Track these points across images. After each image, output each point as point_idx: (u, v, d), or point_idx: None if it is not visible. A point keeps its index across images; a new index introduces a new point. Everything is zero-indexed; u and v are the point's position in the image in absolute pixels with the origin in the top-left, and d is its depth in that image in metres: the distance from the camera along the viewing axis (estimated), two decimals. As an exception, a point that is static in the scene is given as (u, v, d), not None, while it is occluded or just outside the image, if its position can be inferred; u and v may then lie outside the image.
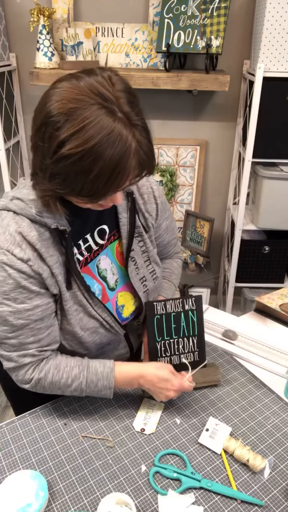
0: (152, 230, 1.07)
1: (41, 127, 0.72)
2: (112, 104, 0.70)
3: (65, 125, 0.69)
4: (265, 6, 1.77)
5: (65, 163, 0.71)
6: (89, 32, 1.99)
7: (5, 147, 1.98)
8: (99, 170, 0.70)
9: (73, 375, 0.93)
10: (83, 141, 0.68)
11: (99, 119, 0.69)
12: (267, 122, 1.94)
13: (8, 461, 0.90)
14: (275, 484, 0.86)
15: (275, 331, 1.31)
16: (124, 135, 0.70)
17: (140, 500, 0.83)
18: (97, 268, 0.99)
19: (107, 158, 0.70)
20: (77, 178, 0.72)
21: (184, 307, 1.01)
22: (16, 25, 2.09)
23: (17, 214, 0.85)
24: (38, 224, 0.85)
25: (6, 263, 0.83)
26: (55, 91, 0.72)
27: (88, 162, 0.70)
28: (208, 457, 0.91)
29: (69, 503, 0.82)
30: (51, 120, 0.70)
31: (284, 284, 2.31)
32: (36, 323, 0.89)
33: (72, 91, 0.70)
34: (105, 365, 0.95)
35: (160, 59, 2.09)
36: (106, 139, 0.69)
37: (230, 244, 2.38)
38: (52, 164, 0.72)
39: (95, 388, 0.94)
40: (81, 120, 0.68)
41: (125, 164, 0.72)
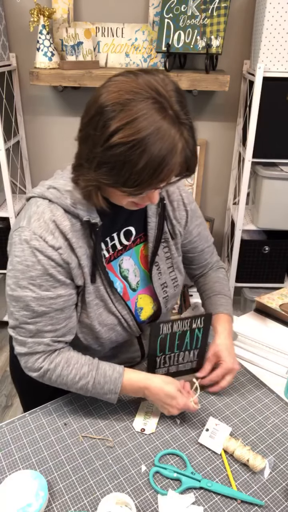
0: (179, 238, 1.08)
1: (95, 116, 0.75)
2: (165, 101, 0.73)
3: (119, 115, 0.72)
4: (265, 6, 1.77)
5: (114, 152, 0.73)
6: (89, 32, 1.99)
7: (5, 147, 1.98)
8: (146, 162, 0.73)
9: (81, 372, 0.93)
10: (134, 132, 0.71)
11: (152, 112, 0.72)
12: (267, 122, 1.94)
13: (8, 461, 0.90)
14: (275, 484, 0.86)
15: (275, 331, 1.31)
16: (173, 132, 0.73)
17: (140, 500, 0.83)
18: (119, 267, 1.01)
19: (155, 151, 0.72)
20: (124, 168, 0.74)
21: (191, 326, 1.00)
22: (16, 25, 2.09)
23: (52, 203, 0.87)
24: (71, 215, 0.88)
25: (37, 248, 0.85)
26: (113, 83, 0.75)
27: (137, 153, 0.72)
28: (208, 457, 0.91)
29: (69, 503, 0.82)
30: (107, 109, 0.73)
31: (284, 284, 2.31)
32: (56, 313, 0.90)
33: (130, 84, 0.73)
34: (115, 370, 0.94)
35: (160, 59, 2.09)
36: (156, 133, 0.71)
37: (230, 244, 2.38)
38: (102, 152, 0.74)
39: (101, 391, 0.94)
40: (135, 112, 0.71)
41: (171, 160, 0.74)
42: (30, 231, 0.85)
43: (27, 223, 0.86)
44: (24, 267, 0.86)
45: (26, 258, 0.85)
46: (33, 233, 0.85)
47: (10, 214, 2.12)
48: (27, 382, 1.00)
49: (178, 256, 1.09)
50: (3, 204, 2.22)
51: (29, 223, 0.86)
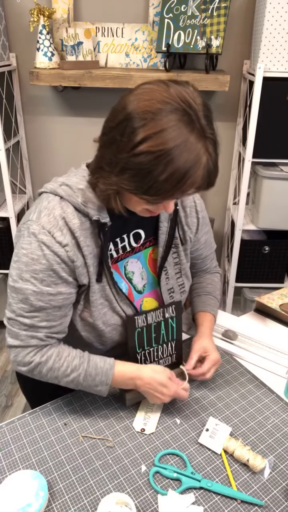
0: (188, 244, 1.09)
1: (123, 122, 0.75)
2: (194, 115, 0.74)
3: (149, 124, 0.72)
4: (265, 6, 1.77)
5: (140, 160, 0.74)
6: (89, 32, 1.99)
7: (5, 147, 1.98)
8: (171, 173, 0.74)
9: (73, 365, 0.93)
10: (162, 142, 0.72)
11: (180, 125, 0.73)
12: (267, 122, 1.94)
13: (8, 461, 0.90)
14: (275, 484, 0.86)
15: (275, 331, 1.31)
16: (199, 146, 0.74)
17: (140, 500, 0.83)
18: (124, 269, 1.01)
19: (180, 163, 0.73)
20: (148, 176, 0.75)
21: (164, 316, 1.02)
22: (16, 25, 2.09)
23: (63, 200, 0.88)
24: (81, 213, 0.88)
25: (45, 243, 0.85)
26: (144, 91, 0.76)
27: (163, 163, 0.73)
28: (208, 457, 0.91)
29: (69, 503, 0.82)
30: (136, 116, 0.73)
31: (284, 284, 2.31)
32: (54, 309, 0.90)
33: (162, 93, 0.74)
34: (105, 361, 0.95)
35: (160, 59, 2.09)
36: (183, 145, 0.73)
37: (230, 244, 2.38)
38: (127, 158, 0.75)
39: (92, 383, 0.94)
40: (165, 122, 0.72)
41: (195, 173, 0.75)
42: (39, 225, 0.86)
43: (37, 217, 0.87)
44: (29, 259, 0.86)
45: (32, 251, 0.86)
46: (42, 228, 0.85)
47: (10, 214, 2.12)
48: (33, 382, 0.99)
49: (186, 262, 1.10)
50: (3, 204, 2.22)
51: (39, 218, 0.86)
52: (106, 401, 1.03)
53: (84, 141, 2.29)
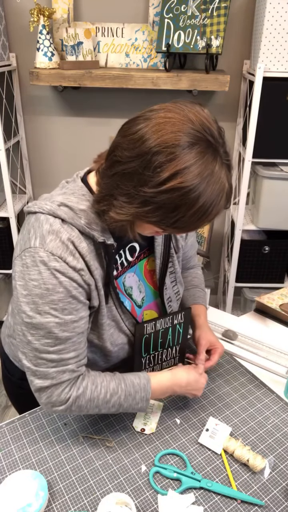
0: (180, 251, 1.08)
1: (145, 155, 0.71)
2: (215, 143, 0.73)
3: (177, 158, 0.70)
4: (265, 6, 1.77)
5: (170, 195, 0.71)
6: (89, 32, 1.99)
7: (5, 147, 1.98)
8: (199, 207, 0.72)
9: (111, 389, 0.88)
10: (192, 177, 0.70)
11: (207, 157, 0.71)
12: (267, 122, 1.94)
13: (8, 461, 0.90)
14: (275, 484, 0.86)
15: (275, 331, 1.31)
16: (222, 175, 0.74)
17: (140, 500, 0.83)
18: (123, 285, 0.98)
19: (208, 196, 0.72)
20: (175, 211, 0.73)
21: (173, 322, 1.01)
22: (16, 25, 2.09)
23: (65, 223, 0.81)
24: (85, 236, 0.83)
25: (59, 270, 0.78)
26: (164, 120, 0.72)
27: (192, 197, 0.71)
28: (208, 457, 0.91)
29: (69, 503, 0.82)
30: (164, 150, 0.70)
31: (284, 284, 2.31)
32: (79, 337, 0.85)
33: (185, 123, 0.72)
34: (140, 377, 0.92)
35: (160, 59, 2.09)
36: (210, 178, 0.72)
37: (230, 244, 2.38)
38: (153, 193, 0.72)
39: (133, 402, 0.90)
40: (193, 156, 0.70)
41: (220, 202, 0.75)
42: (46, 252, 0.78)
43: (41, 243, 0.78)
44: (44, 291, 0.78)
45: (45, 281, 0.78)
46: (51, 254, 0.78)
47: (10, 214, 2.12)
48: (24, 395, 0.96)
49: (179, 269, 1.09)
50: (3, 204, 2.22)
51: (44, 243, 0.78)
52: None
53: (84, 141, 2.29)
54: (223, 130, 0.77)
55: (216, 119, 0.77)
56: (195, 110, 0.74)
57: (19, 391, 0.96)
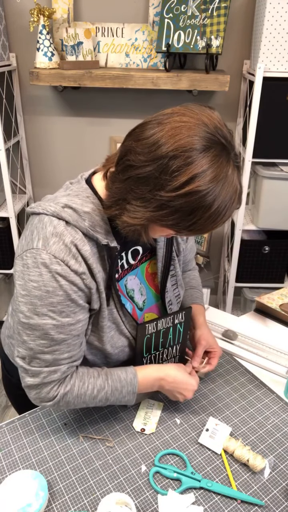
0: (181, 254, 1.09)
1: (161, 159, 0.71)
2: (230, 147, 0.74)
3: (197, 162, 0.70)
4: (265, 6, 1.77)
5: (188, 199, 0.72)
6: (89, 32, 1.99)
7: (5, 147, 1.98)
8: (217, 208, 0.73)
9: (98, 385, 0.90)
10: (210, 180, 0.71)
11: (222, 160, 0.72)
12: (267, 122, 1.94)
13: (8, 461, 0.90)
14: (275, 484, 0.86)
15: (275, 331, 1.31)
16: (235, 177, 0.75)
17: (140, 500, 0.83)
18: (125, 288, 0.98)
19: (224, 197, 0.73)
20: (192, 214, 0.73)
21: (174, 322, 1.01)
22: (16, 25, 2.09)
23: (69, 225, 0.81)
24: (89, 238, 0.83)
25: (60, 273, 0.79)
26: (179, 124, 0.72)
27: (209, 200, 0.72)
28: (208, 457, 0.91)
29: (69, 503, 0.82)
30: (181, 154, 0.70)
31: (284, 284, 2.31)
32: (74, 339, 0.86)
33: (200, 127, 0.72)
34: (127, 371, 0.93)
35: (160, 59, 2.09)
36: (225, 180, 0.73)
37: (230, 244, 2.38)
38: (170, 197, 0.72)
39: (120, 395, 0.92)
40: (210, 159, 0.71)
41: (233, 204, 0.76)
42: (49, 254, 0.78)
43: (44, 245, 0.78)
44: (44, 293, 0.79)
45: (46, 283, 0.78)
46: (53, 257, 0.78)
47: (10, 214, 2.12)
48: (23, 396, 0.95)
49: (180, 272, 1.10)
50: (3, 204, 2.22)
51: (47, 245, 0.78)
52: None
53: (84, 141, 2.29)
54: (232, 132, 0.77)
55: (226, 125, 0.77)
56: (207, 114, 0.75)
57: (19, 391, 0.96)
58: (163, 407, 1.02)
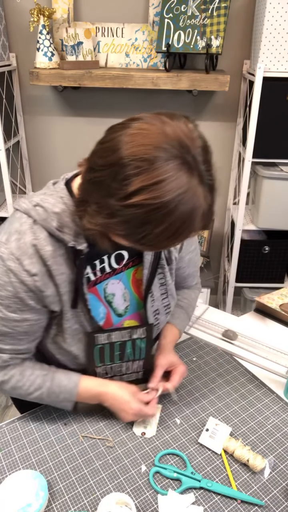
0: (174, 264, 1.02)
1: (114, 165, 0.67)
2: (193, 162, 0.68)
3: (144, 173, 0.65)
4: (265, 6, 1.77)
5: (135, 211, 0.67)
6: (89, 32, 1.99)
7: (5, 147, 1.98)
8: (168, 225, 0.68)
9: (36, 384, 0.92)
10: (160, 195, 0.65)
11: (179, 174, 0.66)
12: (267, 122, 1.94)
13: (8, 461, 0.90)
14: (275, 484, 0.86)
15: (275, 331, 1.31)
16: (197, 195, 0.68)
17: (140, 500, 0.83)
18: (104, 292, 0.96)
19: (179, 215, 0.67)
20: (142, 227, 0.69)
21: (131, 336, 0.96)
22: (16, 25, 2.09)
23: (36, 223, 0.81)
24: (56, 239, 0.82)
25: (12, 270, 0.80)
26: (138, 132, 0.68)
27: (159, 216, 0.67)
28: (208, 457, 0.91)
29: (69, 503, 0.82)
30: (132, 163, 0.66)
31: (284, 284, 2.31)
32: (20, 335, 0.88)
33: (158, 137, 0.66)
34: (70, 379, 0.93)
35: (160, 59, 2.09)
36: (182, 196, 0.66)
37: (230, 244, 2.38)
38: (118, 206, 0.68)
39: (56, 399, 0.94)
40: (162, 173, 0.65)
41: (193, 223, 0.70)
42: (7, 249, 0.80)
43: (7, 240, 0.81)
44: None
45: None
46: (11, 253, 0.80)
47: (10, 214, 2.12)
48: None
49: (172, 281, 1.04)
50: (3, 204, 2.22)
51: (8, 241, 0.81)
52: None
53: (84, 141, 2.29)
54: (208, 147, 0.71)
55: (201, 136, 0.71)
56: (176, 124, 0.68)
57: None
58: (162, 407, 1.02)
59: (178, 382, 1.01)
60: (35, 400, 0.94)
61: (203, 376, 1.12)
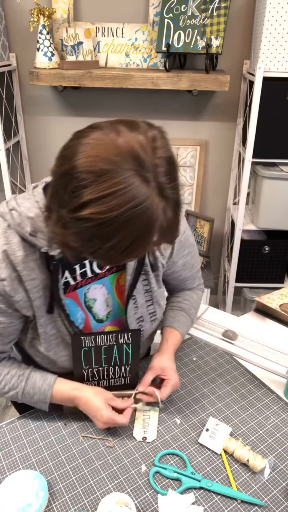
0: (160, 270, 1.01)
1: (66, 175, 0.65)
2: (148, 173, 0.64)
3: (92, 186, 0.62)
4: (265, 6, 1.77)
5: (84, 224, 0.64)
6: (89, 32, 1.99)
7: (5, 147, 1.98)
8: (119, 240, 0.65)
9: (11, 383, 0.93)
10: (109, 209, 0.62)
11: (131, 188, 0.62)
12: (267, 122, 1.94)
13: (8, 461, 0.90)
14: (275, 484, 0.86)
15: (275, 331, 1.31)
16: (153, 209, 0.64)
17: (140, 500, 0.83)
18: (84, 296, 0.95)
19: (130, 230, 0.64)
20: (93, 241, 0.66)
21: (118, 341, 0.95)
22: (16, 25, 2.09)
23: (10, 228, 0.82)
24: (29, 244, 0.81)
25: None
26: (90, 141, 0.65)
27: (109, 230, 0.64)
28: (208, 457, 0.91)
29: (69, 503, 0.82)
30: (78, 175, 0.63)
31: (284, 284, 2.31)
32: None
33: (108, 149, 0.63)
34: (45, 381, 0.94)
35: (160, 59, 2.09)
36: (133, 211, 0.62)
37: (230, 244, 2.38)
38: (69, 218, 0.66)
39: (31, 400, 0.94)
40: (111, 185, 0.62)
41: (147, 238, 0.67)
42: None
43: None
44: None
45: None
46: None
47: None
48: None
49: (158, 288, 1.02)
50: (3, 204, 2.21)
51: None
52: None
53: (84, 141, 2.29)
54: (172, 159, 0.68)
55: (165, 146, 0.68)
56: (131, 135, 0.65)
57: None
58: (158, 410, 1.02)
59: (168, 394, 0.98)
60: (11, 398, 0.96)
61: (203, 376, 1.12)
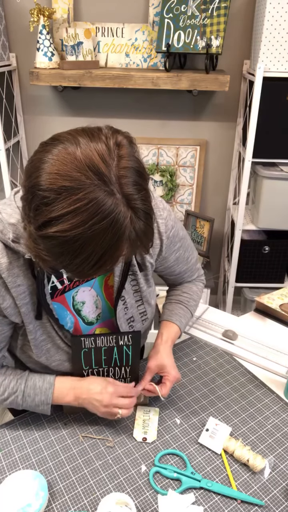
0: (149, 269, 0.99)
1: (28, 192, 0.64)
2: (111, 185, 0.62)
3: (54, 204, 0.61)
4: (265, 6, 1.77)
5: (50, 242, 0.64)
6: (89, 32, 1.99)
7: (5, 147, 1.98)
8: (87, 256, 0.64)
9: (10, 388, 0.92)
10: (72, 226, 0.61)
11: (93, 203, 0.60)
12: (267, 122, 1.94)
13: (8, 461, 0.90)
14: (275, 484, 0.86)
15: (275, 331, 1.31)
16: (120, 222, 0.62)
17: (140, 500, 0.83)
18: (73, 300, 0.95)
19: (98, 245, 0.63)
20: (61, 257, 0.65)
21: (118, 343, 0.95)
22: (16, 25, 2.09)
23: None
24: (12, 250, 0.80)
25: None
26: (51, 158, 0.62)
27: (76, 246, 0.63)
28: (208, 457, 0.91)
29: (69, 503, 0.82)
30: (40, 193, 0.62)
31: (284, 284, 2.31)
32: None
33: (67, 164, 0.61)
34: (45, 380, 0.93)
35: (160, 59, 2.09)
36: (99, 226, 0.61)
37: (230, 244, 2.38)
38: (36, 235, 0.65)
39: (32, 403, 0.92)
40: (72, 202, 0.60)
41: (116, 251, 0.65)
42: None
43: None
44: None
45: None
46: None
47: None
48: None
49: (148, 287, 1.01)
50: (3, 204, 2.21)
51: None
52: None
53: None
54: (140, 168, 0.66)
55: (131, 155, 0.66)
56: (91, 146, 0.63)
57: None
58: (158, 411, 1.02)
59: (168, 390, 0.97)
60: (11, 406, 0.93)
61: (203, 376, 1.12)
